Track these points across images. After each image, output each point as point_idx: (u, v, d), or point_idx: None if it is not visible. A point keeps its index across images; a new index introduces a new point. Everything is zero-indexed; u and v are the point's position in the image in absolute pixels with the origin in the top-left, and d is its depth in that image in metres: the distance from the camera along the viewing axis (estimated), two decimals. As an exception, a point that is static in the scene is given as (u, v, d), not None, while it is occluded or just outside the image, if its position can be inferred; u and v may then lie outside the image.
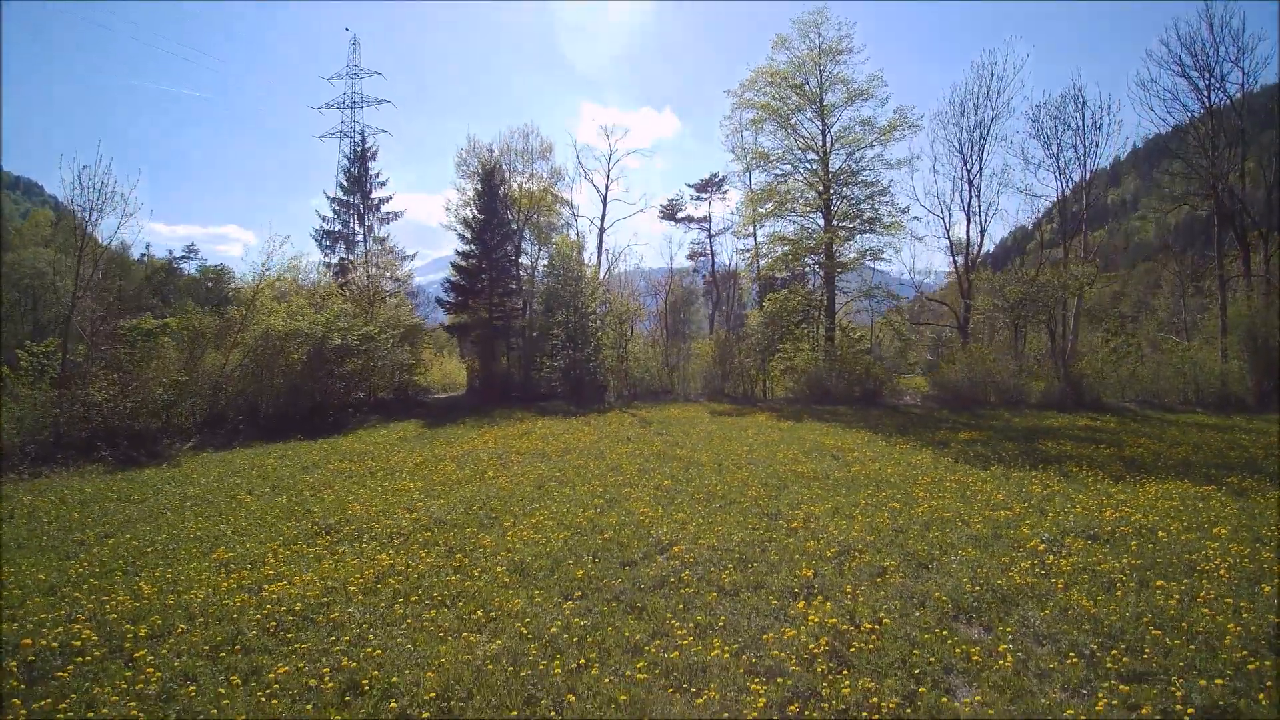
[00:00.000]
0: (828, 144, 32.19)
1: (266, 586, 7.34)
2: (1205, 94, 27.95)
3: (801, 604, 6.78)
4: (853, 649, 5.80)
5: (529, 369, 34.30)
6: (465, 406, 29.42)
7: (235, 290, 31.16)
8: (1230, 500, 11.01)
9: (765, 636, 6.06)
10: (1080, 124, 30.31)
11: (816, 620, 6.31)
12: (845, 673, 5.44)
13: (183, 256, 63.97)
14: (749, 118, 33.72)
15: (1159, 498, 11.18)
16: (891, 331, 33.93)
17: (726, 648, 5.83)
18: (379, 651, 5.81)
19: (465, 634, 6.17)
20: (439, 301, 35.83)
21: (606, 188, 39.00)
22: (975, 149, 31.38)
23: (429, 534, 9.38)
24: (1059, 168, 29.90)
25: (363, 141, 37.91)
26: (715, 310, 40.47)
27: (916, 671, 5.45)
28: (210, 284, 53.96)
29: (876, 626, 6.20)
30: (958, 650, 5.84)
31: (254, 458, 16.27)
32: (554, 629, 6.22)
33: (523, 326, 35.72)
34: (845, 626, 6.20)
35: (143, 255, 56.89)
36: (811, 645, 5.82)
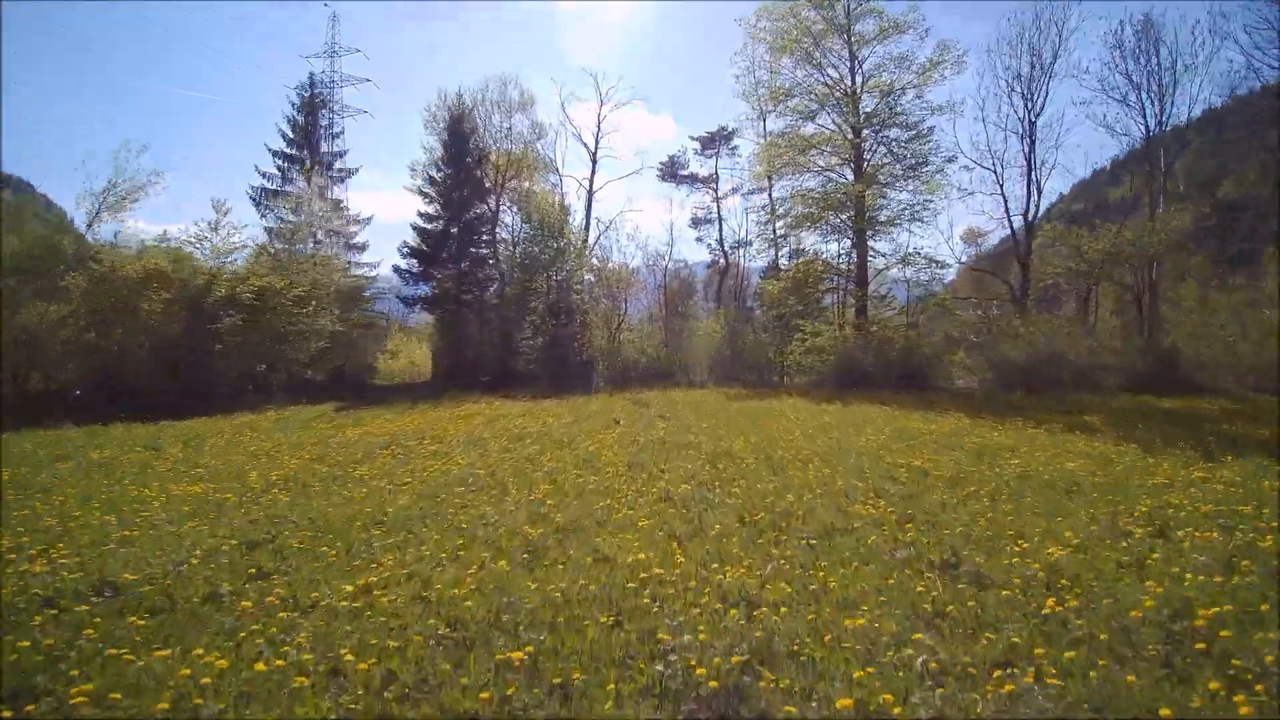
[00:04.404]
0: (857, 83, 27.05)
1: None
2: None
3: None
4: None
5: (508, 351, 28.83)
6: (422, 391, 23.93)
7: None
8: None
9: None
10: (1156, 58, 25.22)
11: None
12: None
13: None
14: (764, 55, 28.44)
15: None
16: (930, 316, 28.40)
17: None
18: None
19: None
20: (395, 270, 30.35)
21: (596, 144, 33.66)
22: (1036, 88, 26.28)
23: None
24: (1138, 101, 24.71)
25: (311, 86, 32.32)
26: (722, 284, 35.19)
27: None
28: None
29: None
30: None
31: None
32: None
33: (499, 302, 30.23)
34: None
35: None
36: None
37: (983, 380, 24.09)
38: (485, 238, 30.97)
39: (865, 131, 26.80)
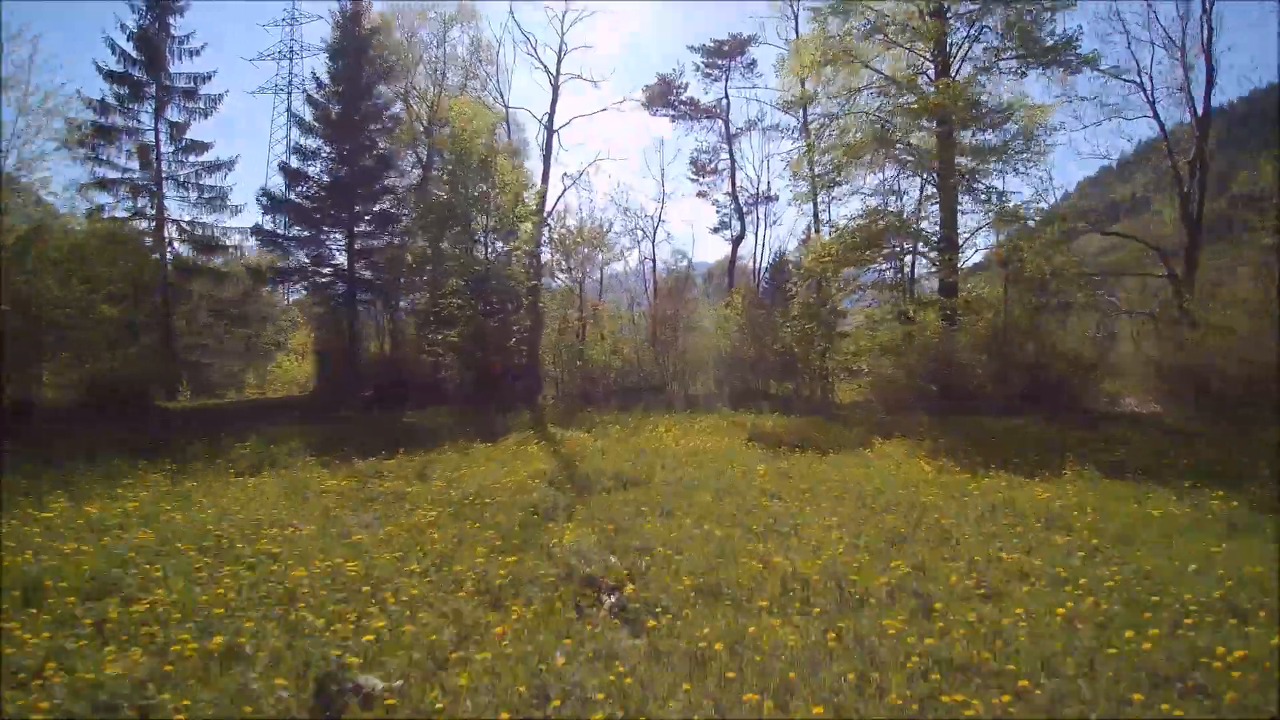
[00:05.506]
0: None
1: None
2: None
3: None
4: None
5: (418, 351, 19.37)
6: (245, 422, 14.25)
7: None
8: None
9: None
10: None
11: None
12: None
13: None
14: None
15: None
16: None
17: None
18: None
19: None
20: (256, 231, 20.66)
21: (559, 66, 23.91)
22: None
23: None
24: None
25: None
26: (734, 257, 25.80)
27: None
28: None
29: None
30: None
31: None
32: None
33: (421, 281, 20.64)
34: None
35: None
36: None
37: (1165, 401, 14.91)
38: (387, 175, 21.21)
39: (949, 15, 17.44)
